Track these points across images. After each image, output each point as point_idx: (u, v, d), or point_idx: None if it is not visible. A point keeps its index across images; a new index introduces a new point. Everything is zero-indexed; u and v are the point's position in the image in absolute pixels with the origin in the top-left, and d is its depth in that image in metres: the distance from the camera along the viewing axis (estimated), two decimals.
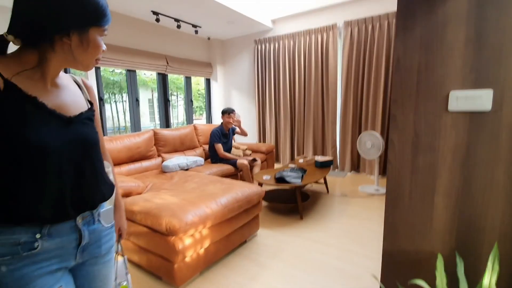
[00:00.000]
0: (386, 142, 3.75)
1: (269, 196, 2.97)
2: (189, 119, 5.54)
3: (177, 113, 6.51)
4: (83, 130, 0.74)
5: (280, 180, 2.68)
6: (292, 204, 2.74)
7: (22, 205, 0.63)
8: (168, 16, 4.00)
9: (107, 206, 0.84)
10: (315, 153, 4.61)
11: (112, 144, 2.62)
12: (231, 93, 5.65)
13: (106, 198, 0.81)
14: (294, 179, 2.66)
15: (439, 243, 1.00)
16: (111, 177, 0.91)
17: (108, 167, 0.91)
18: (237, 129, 3.72)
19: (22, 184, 0.63)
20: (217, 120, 5.71)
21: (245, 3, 4.03)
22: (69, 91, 0.75)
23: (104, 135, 3.95)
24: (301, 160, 3.40)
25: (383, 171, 3.97)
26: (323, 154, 4.57)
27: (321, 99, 4.45)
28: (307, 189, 3.52)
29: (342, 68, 4.15)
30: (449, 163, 0.96)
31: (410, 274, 1.06)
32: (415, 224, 1.04)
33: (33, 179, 0.63)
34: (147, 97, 7.33)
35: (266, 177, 2.84)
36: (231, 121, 3.53)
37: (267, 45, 4.85)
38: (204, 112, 6.27)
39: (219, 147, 3.41)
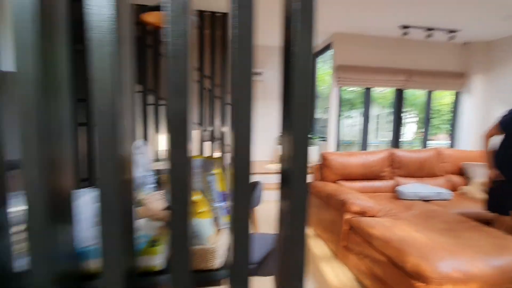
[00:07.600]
0: None
1: None
2: (423, 139, 4.80)
3: (405, 131, 5.93)
4: None
5: None
6: None
7: None
8: (418, 27, 3.66)
9: None
10: None
11: (349, 159, 2.76)
12: (492, 109, 4.22)
13: None
14: None
15: None
16: None
17: None
18: None
19: None
20: (465, 143, 4.50)
21: None
22: None
23: (334, 150, 4.30)
24: None
25: None
26: None
27: None
28: None
29: None
30: None
31: None
32: None
33: None
34: (375, 113, 7.29)
35: None
36: None
37: None
38: (442, 133, 5.21)
39: None
